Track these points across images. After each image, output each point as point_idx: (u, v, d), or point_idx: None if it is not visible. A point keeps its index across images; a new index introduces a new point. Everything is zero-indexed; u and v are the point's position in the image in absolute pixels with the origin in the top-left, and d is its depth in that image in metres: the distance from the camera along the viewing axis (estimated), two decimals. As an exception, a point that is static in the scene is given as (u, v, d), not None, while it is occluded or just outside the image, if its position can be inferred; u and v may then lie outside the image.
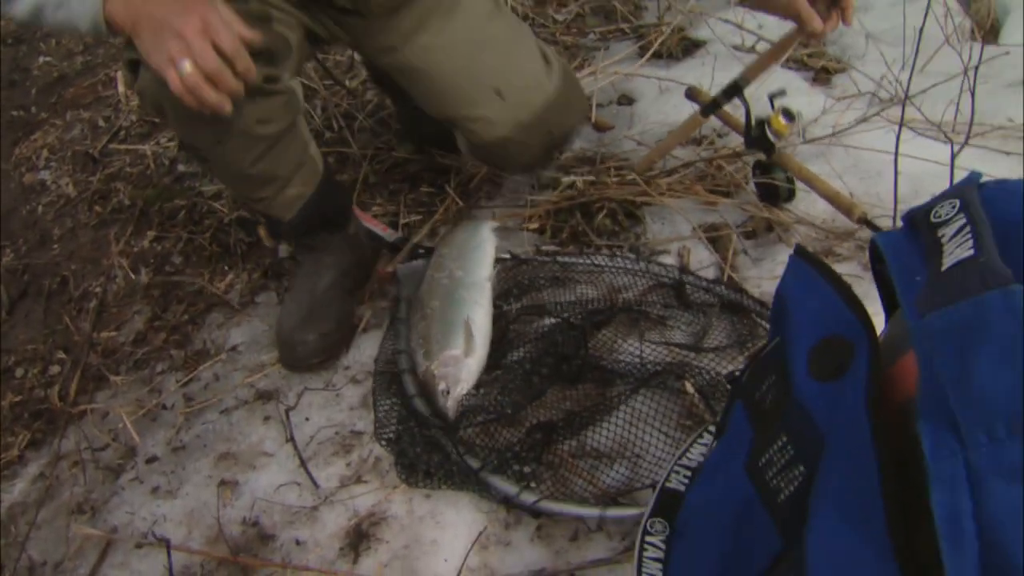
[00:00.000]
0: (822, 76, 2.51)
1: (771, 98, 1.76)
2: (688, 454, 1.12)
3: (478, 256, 1.83)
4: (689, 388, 1.48)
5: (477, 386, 1.62)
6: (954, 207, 0.68)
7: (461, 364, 1.61)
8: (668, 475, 1.10)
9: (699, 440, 1.13)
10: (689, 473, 1.10)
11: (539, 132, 1.86)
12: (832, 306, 0.86)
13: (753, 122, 1.75)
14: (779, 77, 2.32)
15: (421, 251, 1.99)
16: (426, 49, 1.78)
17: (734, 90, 1.78)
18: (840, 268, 1.75)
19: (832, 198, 1.71)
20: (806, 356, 0.84)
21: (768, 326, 1.60)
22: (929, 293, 0.62)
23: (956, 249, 0.62)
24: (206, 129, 1.56)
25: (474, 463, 1.44)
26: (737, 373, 1.00)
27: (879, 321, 0.87)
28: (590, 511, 1.35)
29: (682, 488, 1.09)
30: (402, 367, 1.69)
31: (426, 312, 1.73)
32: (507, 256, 1.92)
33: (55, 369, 2.10)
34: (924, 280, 0.66)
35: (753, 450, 0.88)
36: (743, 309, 1.67)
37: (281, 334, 1.85)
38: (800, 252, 0.90)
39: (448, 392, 1.58)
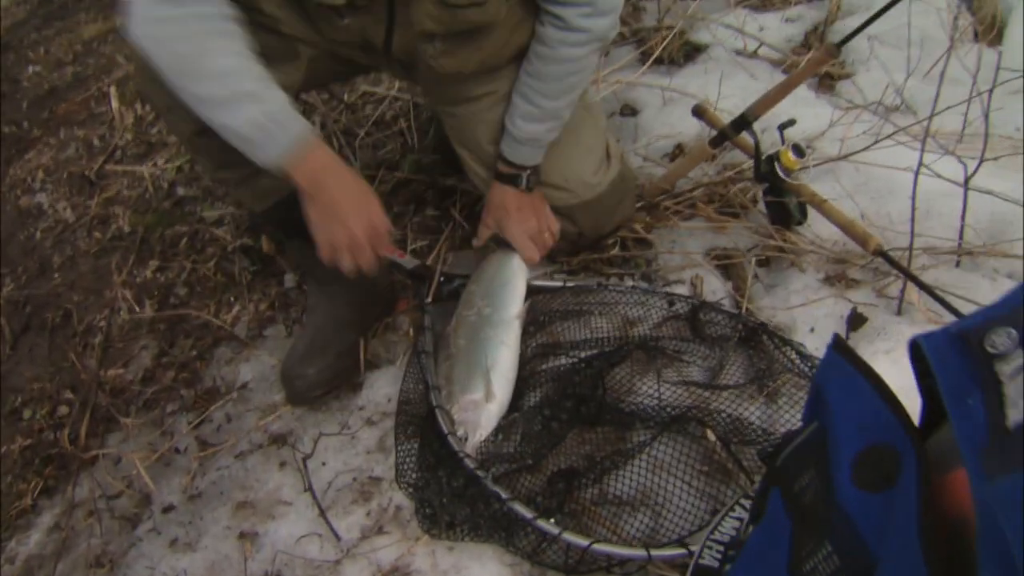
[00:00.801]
0: (826, 83, 2.49)
1: (781, 130, 1.75)
2: (720, 528, 1.11)
3: (507, 292, 1.80)
4: (710, 436, 1.47)
5: (496, 431, 1.60)
6: (1011, 339, 0.67)
7: (481, 410, 1.60)
8: (701, 551, 1.09)
9: (731, 514, 1.12)
10: (722, 549, 1.09)
11: (568, 224, 1.90)
12: (875, 411, 0.85)
13: (763, 157, 1.73)
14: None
15: (451, 282, 1.94)
16: (486, 122, 1.80)
17: (743, 124, 1.76)
18: (854, 295, 1.75)
19: (846, 227, 1.69)
20: (850, 463, 0.84)
21: (782, 356, 1.60)
22: (996, 451, 0.61)
23: (1020, 401, 0.61)
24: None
25: (523, 509, 1.41)
26: (770, 449, 0.98)
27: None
28: (638, 552, 1.33)
29: (715, 564, 1.08)
30: (435, 403, 1.65)
31: (451, 351, 1.71)
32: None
33: (63, 410, 2.09)
34: (983, 421, 0.65)
35: (794, 551, 0.88)
36: (760, 343, 1.66)
37: (283, 370, 1.84)
38: (839, 347, 0.89)
39: (466, 439, 1.57)
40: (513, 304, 1.78)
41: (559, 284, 1.88)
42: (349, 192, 1.50)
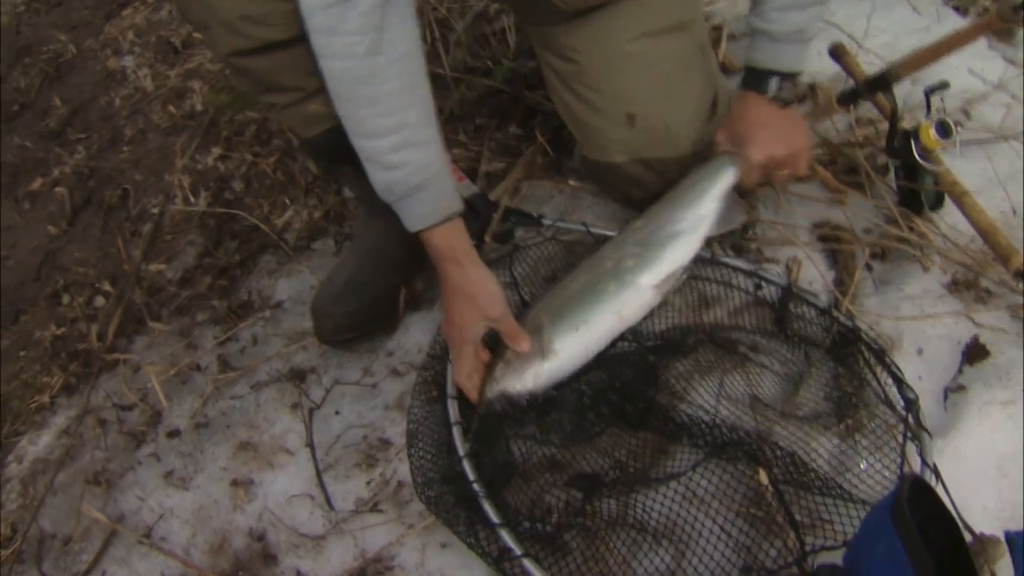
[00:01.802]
0: (1003, 29, 2.04)
1: (927, 94, 1.40)
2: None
3: (671, 248, 1.46)
4: (763, 478, 1.22)
5: (531, 398, 1.39)
6: None
7: (528, 364, 1.38)
8: None
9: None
10: None
11: (658, 180, 1.63)
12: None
13: (898, 131, 1.39)
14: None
15: (512, 220, 1.68)
16: (578, 36, 1.56)
17: (881, 83, 1.42)
18: (982, 315, 1.42)
19: (987, 234, 1.36)
20: None
21: (875, 382, 1.32)
22: None
23: None
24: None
25: (511, 540, 1.20)
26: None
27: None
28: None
29: None
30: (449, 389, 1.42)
31: (556, 287, 1.49)
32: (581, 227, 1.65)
33: (100, 301, 2.00)
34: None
35: None
36: (852, 357, 1.37)
37: (315, 304, 1.66)
38: (897, 516, 0.63)
39: (497, 380, 1.37)
40: (665, 266, 1.45)
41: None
42: (466, 286, 1.37)
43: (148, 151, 2.38)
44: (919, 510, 0.69)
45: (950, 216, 1.56)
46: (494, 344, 1.41)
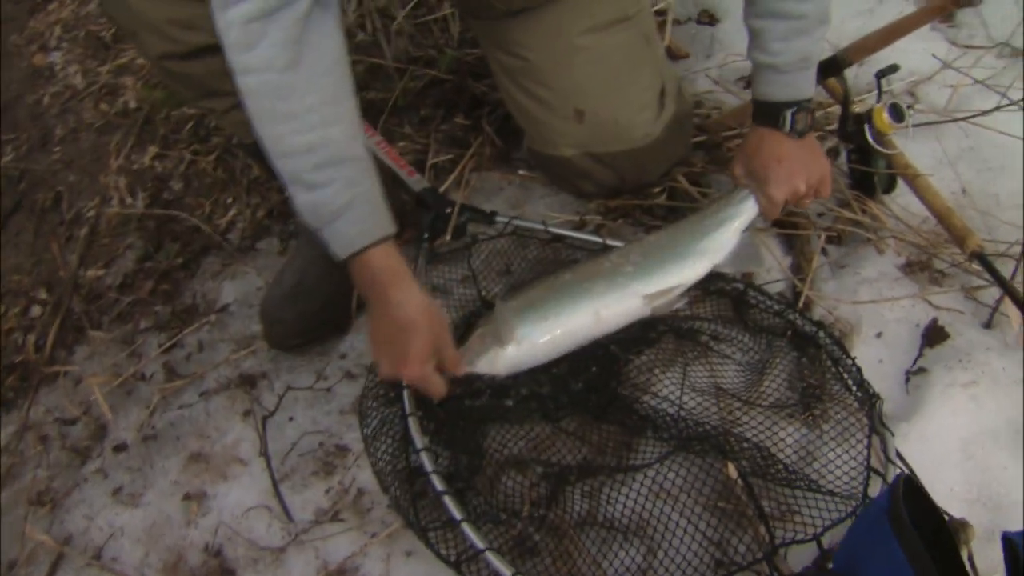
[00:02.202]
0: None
1: (878, 77, 1.40)
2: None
3: (673, 264, 1.42)
4: (731, 472, 1.20)
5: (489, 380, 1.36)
6: None
7: (490, 346, 1.34)
8: None
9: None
10: None
11: (608, 173, 1.63)
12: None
13: (851, 115, 1.38)
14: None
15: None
16: (525, 32, 1.53)
17: (831, 68, 1.41)
18: (938, 297, 1.43)
19: (942, 216, 1.37)
20: None
21: (839, 370, 1.32)
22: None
23: None
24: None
25: (474, 536, 1.16)
26: None
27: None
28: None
29: None
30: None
31: (555, 276, 1.43)
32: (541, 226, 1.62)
33: (36, 311, 1.91)
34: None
35: None
36: (817, 347, 1.37)
37: (263, 308, 1.61)
38: (895, 520, 0.61)
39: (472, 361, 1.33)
40: (662, 279, 1.39)
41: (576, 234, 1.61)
42: (411, 312, 1.24)
43: (81, 151, 2.29)
44: (908, 506, 0.68)
45: (901, 198, 1.57)
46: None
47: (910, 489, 0.71)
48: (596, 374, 1.36)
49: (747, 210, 1.45)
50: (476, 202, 1.77)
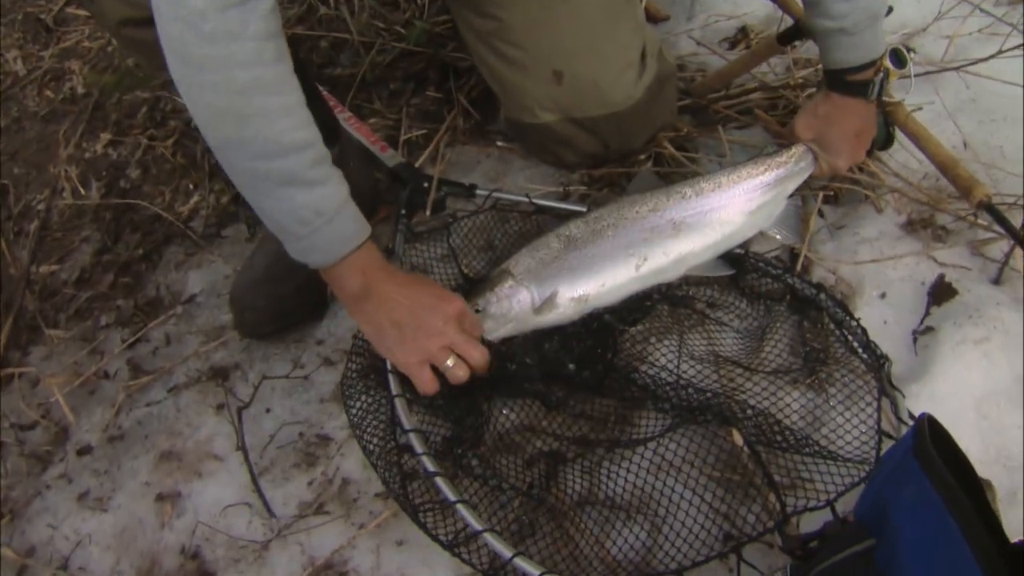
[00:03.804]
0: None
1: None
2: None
3: (731, 222, 1.42)
4: (737, 439, 1.20)
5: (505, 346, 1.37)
6: None
7: (513, 302, 1.35)
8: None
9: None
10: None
11: (590, 139, 1.62)
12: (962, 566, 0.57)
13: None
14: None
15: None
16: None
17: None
18: (943, 253, 1.43)
19: (946, 168, 1.37)
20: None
21: (842, 333, 1.32)
22: None
23: None
24: None
25: (472, 518, 1.14)
26: (799, 552, 0.73)
27: None
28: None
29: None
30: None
31: (564, 230, 1.42)
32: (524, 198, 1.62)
33: (-14, 311, 1.87)
34: None
35: None
36: (818, 310, 1.37)
37: (233, 295, 1.59)
38: (921, 454, 0.61)
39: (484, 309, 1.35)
40: (709, 239, 1.41)
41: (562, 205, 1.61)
42: (412, 290, 1.25)
43: (26, 141, 2.24)
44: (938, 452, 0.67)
45: (899, 154, 1.58)
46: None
47: (935, 431, 0.70)
48: (590, 346, 1.36)
49: (804, 172, 1.46)
50: (454, 177, 1.76)
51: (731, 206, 1.41)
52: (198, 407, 1.54)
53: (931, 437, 0.71)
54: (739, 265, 1.45)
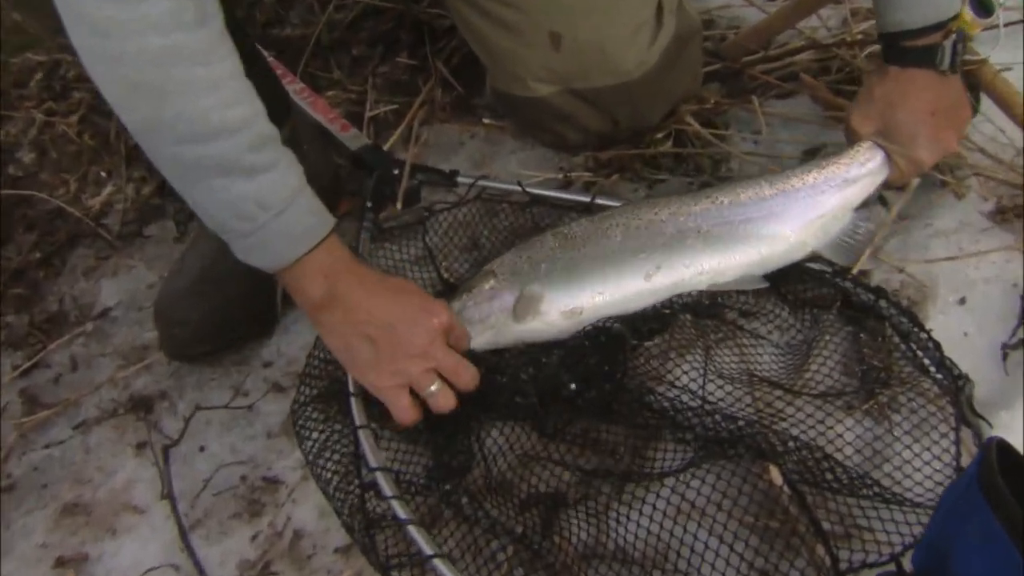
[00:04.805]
0: None
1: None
2: None
3: (775, 240, 1.48)
4: (775, 477, 1.27)
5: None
6: None
7: (495, 306, 1.44)
8: None
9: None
10: None
11: (595, 115, 1.69)
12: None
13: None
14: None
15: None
16: None
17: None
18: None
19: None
20: None
21: (910, 347, 1.38)
22: None
23: None
24: None
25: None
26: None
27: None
28: None
29: None
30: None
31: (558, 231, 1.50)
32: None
33: None
34: None
35: None
36: (879, 319, 1.44)
37: (159, 307, 1.64)
38: (987, 485, 0.68)
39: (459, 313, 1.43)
40: (730, 273, 1.48)
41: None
42: (387, 299, 1.30)
43: None
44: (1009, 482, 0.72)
45: (984, 126, 1.65)
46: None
47: (1009, 457, 0.76)
48: (597, 362, 1.42)
49: (875, 176, 1.50)
50: (431, 162, 1.83)
51: (774, 219, 1.46)
52: (113, 447, 1.59)
53: (1004, 465, 0.76)
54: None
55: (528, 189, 1.68)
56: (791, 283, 1.51)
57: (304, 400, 1.44)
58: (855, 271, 1.50)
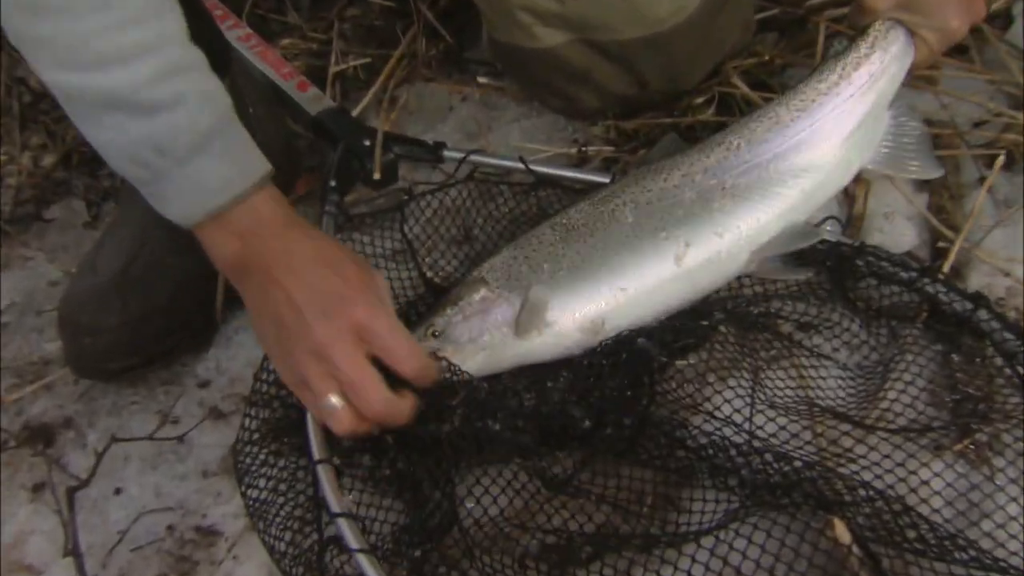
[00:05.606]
0: None
1: None
2: None
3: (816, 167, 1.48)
4: (842, 534, 1.25)
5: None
6: None
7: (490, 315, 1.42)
8: None
9: None
10: None
11: (619, 73, 1.69)
12: None
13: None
14: None
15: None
16: None
17: None
18: None
19: None
20: None
21: (1016, 371, 1.37)
22: None
23: None
24: None
25: None
26: None
27: None
28: None
29: None
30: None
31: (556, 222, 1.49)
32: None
33: None
34: None
35: None
36: (977, 335, 1.42)
37: (64, 310, 1.63)
38: None
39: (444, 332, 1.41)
40: (770, 223, 1.46)
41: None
42: (308, 271, 1.27)
43: None
44: None
45: None
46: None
47: None
48: (617, 387, 1.40)
49: (901, 60, 1.50)
50: (412, 131, 1.82)
51: (805, 146, 1.46)
52: (3, 490, 1.58)
53: None
54: (844, 265, 1.50)
55: (533, 167, 1.65)
56: (863, 285, 1.49)
57: (249, 432, 1.41)
58: (945, 270, 1.47)
